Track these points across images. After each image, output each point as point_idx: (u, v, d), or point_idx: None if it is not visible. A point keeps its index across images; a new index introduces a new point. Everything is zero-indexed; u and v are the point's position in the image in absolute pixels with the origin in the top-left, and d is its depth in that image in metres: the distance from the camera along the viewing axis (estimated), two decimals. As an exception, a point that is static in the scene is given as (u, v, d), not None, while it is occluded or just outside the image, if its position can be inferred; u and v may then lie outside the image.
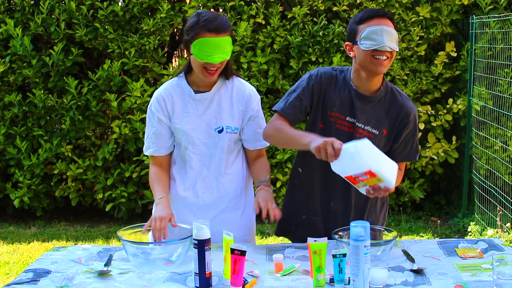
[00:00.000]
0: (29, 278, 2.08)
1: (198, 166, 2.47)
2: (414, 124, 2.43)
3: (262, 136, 2.49)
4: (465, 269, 2.09)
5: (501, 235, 4.67)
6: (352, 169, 2.14)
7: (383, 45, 2.24)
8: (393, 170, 2.19)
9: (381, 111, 2.37)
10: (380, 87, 2.39)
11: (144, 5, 5.39)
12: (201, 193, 2.49)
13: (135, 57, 5.40)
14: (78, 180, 5.60)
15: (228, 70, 2.46)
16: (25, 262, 4.61)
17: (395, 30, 2.30)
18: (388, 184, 2.15)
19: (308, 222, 2.54)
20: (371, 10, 2.33)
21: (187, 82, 2.45)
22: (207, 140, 2.45)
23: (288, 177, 5.34)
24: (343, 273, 1.91)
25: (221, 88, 2.47)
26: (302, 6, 5.34)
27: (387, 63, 2.29)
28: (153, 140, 2.48)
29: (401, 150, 2.43)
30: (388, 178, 2.15)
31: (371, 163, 2.12)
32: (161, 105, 2.44)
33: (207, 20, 2.30)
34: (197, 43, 2.30)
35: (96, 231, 5.46)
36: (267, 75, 5.43)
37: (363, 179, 2.13)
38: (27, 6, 5.51)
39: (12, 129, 5.54)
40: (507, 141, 4.94)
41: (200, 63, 2.33)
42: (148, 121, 2.50)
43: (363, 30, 2.27)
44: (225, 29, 2.32)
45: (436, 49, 5.54)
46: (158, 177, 2.49)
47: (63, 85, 5.50)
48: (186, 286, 2.01)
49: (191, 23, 2.33)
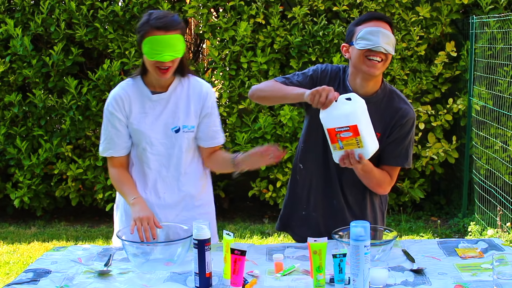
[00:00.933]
0: (29, 278, 2.08)
1: (156, 166, 2.46)
2: (408, 128, 2.37)
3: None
4: (465, 269, 2.09)
5: (501, 235, 4.67)
6: (338, 121, 2.15)
7: (378, 45, 2.24)
8: (374, 144, 2.20)
9: (376, 114, 2.32)
10: (377, 90, 2.37)
11: (144, 5, 5.39)
12: (162, 194, 2.48)
13: (135, 57, 5.39)
14: (78, 180, 5.61)
15: (182, 69, 2.43)
16: (25, 262, 4.61)
17: (393, 35, 2.29)
18: (365, 153, 2.16)
19: (307, 218, 2.53)
20: (370, 13, 2.34)
21: (143, 83, 2.43)
22: (165, 140, 2.44)
23: (288, 176, 5.34)
24: (343, 273, 1.91)
25: (177, 87, 2.45)
26: (302, 6, 5.34)
27: (380, 65, 2.27)
28: (112, 141, 2.44)
29: (390, 151, 2.38)
30: (368, 146, 2.16)
31: (361, 119, 2.13)
32: (119, 105, 2.41)
33: (156, 18, 2.29)
34: (147, 42, 2.28)
35: (96, 231, 5.46)
36: (267, 75, 5.43)
37: (344, 136, 2.14)
38: (27, 6, 5.51)
39: (12, 129, 5.54)
40: (507, 141, 4.94)
41: (151, 62, 2.31)
42: (106, 122, 2.45)
43: (360, 31, 2.28)
44: (174, 27, 2.30)
45: (436, 49, 5.54)
46: (124, 178, 2.46)
47: (63, 85, 5.50)
48: (186, 286, 2.01)
49: (142, 21, 2.33)
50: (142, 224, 2.25)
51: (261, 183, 5.52)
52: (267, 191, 5.50)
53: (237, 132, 5.38)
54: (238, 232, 5.19)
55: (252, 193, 5.56)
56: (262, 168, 5.39)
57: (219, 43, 5.51)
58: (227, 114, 5.43)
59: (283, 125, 5.34)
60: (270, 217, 5.71)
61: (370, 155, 2.20)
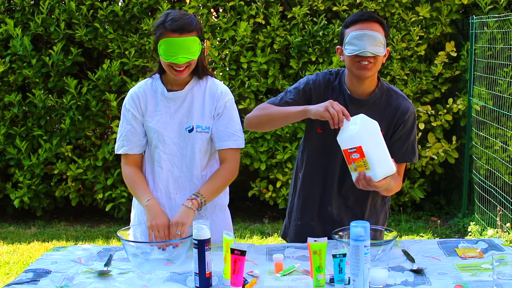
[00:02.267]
0: (29, 278, 2.08)
1: (168, 166, 2.43)
2: (411, 123, 2.39)
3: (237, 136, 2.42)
4: (465, 269, 2.09)
5: (501, 235, 4.67)
6: (348, 142, 2.14)
7: (363, 50, 2.24)
8: (386, 168, 2.17)
9: (377, 113, 2.33)
10: (374, 89, 2.37)
11: (144, 5, 5.39)
12: (174, 194, 2.45)
13: (135, 57, 5.40)
14: (78, 180, 5.61)
15: (200, 70, 2.41)
16: (25, 262, 4.61)
17: (382, 32, 2.28)
18: (373, 175, 2.14)
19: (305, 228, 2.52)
20: (358, 13, 2.32)
21: (161, 82, 2.43)
22: (178, 140, 2.41)
23: (288, 176, 5.35)
24: (343, 273, 1.91)
25: (194, 87, 2.42)
26: (302, 6, 5.34)
27: (371, 66, 2.27)
28: (127, 138, 2.44)
29: (397, 149, 2.38)
30: (375, 169, 2.13)
31: (366, 140, 2.12)
32: (135, 102, 2.42)
33: (172, 20, 2.27)
34: (162, 43, 2.28)
35: (96, 231, 5.46)
36: (267, 75, 5.43)
37: (354, 158, 2.13)
38: (27, 6, 5.51)
39: (12, 129, 5.54)
40: (507, 141, 4.94)
41: (166, 63, 2.31)
42: (123, 119, 2.46)
43: (347, 35, 2.29)
44: (190, 29, 2.28)
45: (436, 49, 5.54)
46: (138, 177, 2.45)
47: (63, 85, 5.50)
48: (186, 286, 2.01)
49: (158, 22, 2.32)
50: (159, 232, 2.24)
51: (261, 183, 5.52)
52: (267, 191, 5.50)
53: (237, 132, 5.37)
54: (238, 232, 5.20)
55: (252, 193, 5.56)
56: (262, 168, 5.39)
57: (219, 43, 5.51)
58: (227, 114, 5.43)
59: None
60: (270, 217, 5.71)
61: (379, 178, 2.16)
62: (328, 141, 2.36)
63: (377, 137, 2.17)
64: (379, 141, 2.17)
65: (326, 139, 2.38)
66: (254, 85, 5.37)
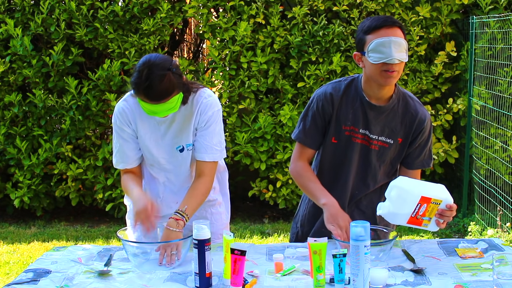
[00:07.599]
0: (29, 278, 2.08)
1: (165, 181, 2.50)
2: (429, 130, 2.40)
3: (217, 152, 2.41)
4: (465, 269, 2.09)
5: (501, 235, 4.67)
6: (406, 209, 2.12)
7: (392, 58, 2.18)
8: (441, 188, 2.17)
9: (395, 119, 2.34)
10: (392, 94, 2.34)
11: (144, 5, 5.39)
12: (174, 204, 2.46)
13: (135, 57, 5.39)
14: (78, 180, 5.60)
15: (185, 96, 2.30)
16: (25, 262, 4.61)
17: (404, 38, 2.24)
18: (448, 201, 2.14)
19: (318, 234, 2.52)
20: (379, 19, 2.24)
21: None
22: (172, 159, 2.44)
23: (288, 176, 5.34)
24: (343, 273, 1.91)
25: (182, 107, 2.36)
26: (302, 6, 5.34)
27: (396, 74, 2.23)
28: (123, 154, 2.43)
29: (416, 156, 2.40)
30: (443, 196, 2.13)
31: (420, 190, 2.11)
32: (124, 118, 2.39)
33: (147, 88, 2.16)
34: (139, 101, 2.23)
35: (96, 231, 5.46)
36: (267, 75, 5.43)
37: (423, 212, 2.11)
38: (27, 6, 5.51)
39: (12, 129, 5.54)
40: (507, 141, 4.94)
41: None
42: (115, 134, 2.44)
43: (370, 42, 2.21)
44: (167, 94, 2.19)
45: (436, 49, 5.54)
46: (133, 180, 2.43)
47: (63, 85, 5.50)
48: (186, 286, 2.01)
49: (133, 79, 2.20)
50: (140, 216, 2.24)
51: (261, 183, 5.52)
52: (267, 191, 5.50)
53: (237, 132, 5.37)
54: (238, 232, 5.19)
55: (252, 193, 5.56)
56: (262, 168, 5.39)
57: (219, 43, 5.51)
58: (227, 114, 5.43)
59: (283, 125, 5.34)
60: (270, 217, 5.71)
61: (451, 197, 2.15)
62: (342, 150, 2.38)
63: (415, 180, 2.20)
64: (418, 181, 2.21)
65: (340, 148, 2.39)
66: (254, 85, 5.37)
